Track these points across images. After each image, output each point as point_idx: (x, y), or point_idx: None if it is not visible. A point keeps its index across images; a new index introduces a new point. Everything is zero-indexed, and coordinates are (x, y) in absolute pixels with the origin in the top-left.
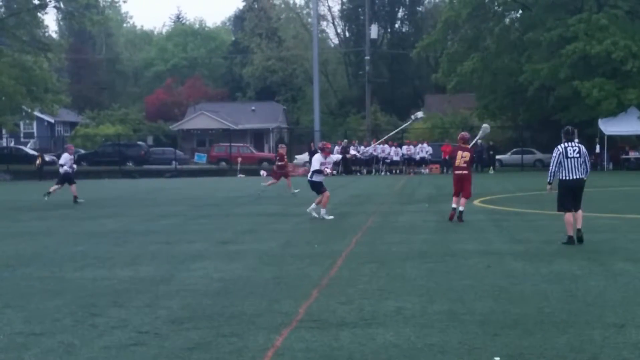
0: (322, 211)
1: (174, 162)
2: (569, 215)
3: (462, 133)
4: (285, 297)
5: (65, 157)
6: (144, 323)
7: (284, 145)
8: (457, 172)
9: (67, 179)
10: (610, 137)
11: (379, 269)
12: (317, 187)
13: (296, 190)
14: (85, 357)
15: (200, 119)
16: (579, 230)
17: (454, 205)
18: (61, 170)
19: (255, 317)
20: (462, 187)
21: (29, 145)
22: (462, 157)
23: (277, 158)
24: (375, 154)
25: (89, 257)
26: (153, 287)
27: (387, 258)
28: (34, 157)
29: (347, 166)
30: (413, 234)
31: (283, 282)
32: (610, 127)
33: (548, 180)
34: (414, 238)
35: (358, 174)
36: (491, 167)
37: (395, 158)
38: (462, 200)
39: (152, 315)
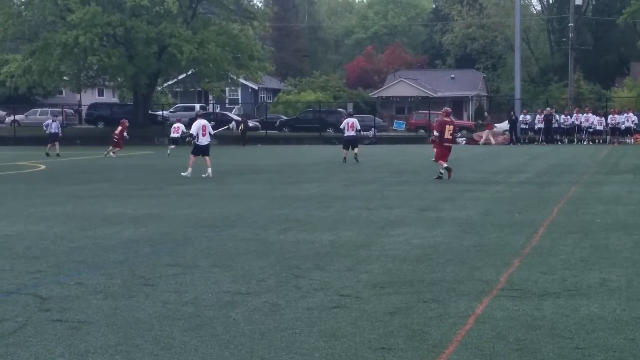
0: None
1: (373, 129)
2: None
3: None
4: (486, 265)
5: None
6: (345, 286)
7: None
8: None
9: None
10: None
11: (582, 240)
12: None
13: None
14: (289, 317)
15: (400, 87)
16: None
17: None
18: None
19: (456, 284)
20: None
21: (233, 111)
22: None
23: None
24: (577, 123)
25: (292, 221)
26: (354, 252)
27: (590, 229)
28: (238, 123)
29: (548, 135)
30: (618, 205)
31: (483, 250)
32: None
33: None
34: (618, 209)
35: (559, 143)
36: None
37: (599, 127)
38: None
39: (354, 279)
